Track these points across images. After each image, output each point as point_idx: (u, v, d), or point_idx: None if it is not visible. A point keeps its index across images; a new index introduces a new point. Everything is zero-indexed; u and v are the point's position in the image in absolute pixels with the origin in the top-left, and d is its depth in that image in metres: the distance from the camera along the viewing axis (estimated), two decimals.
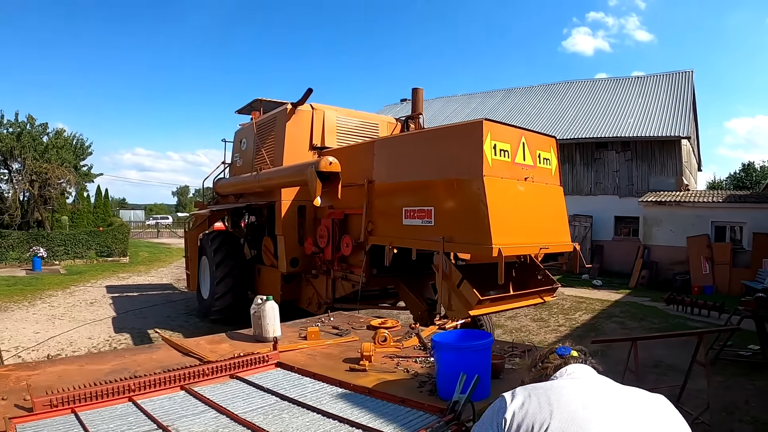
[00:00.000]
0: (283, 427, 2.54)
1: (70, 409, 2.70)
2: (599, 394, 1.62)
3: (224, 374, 3.44)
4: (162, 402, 2.95)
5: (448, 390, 2.94)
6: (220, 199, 12.48)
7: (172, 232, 46.85)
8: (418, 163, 7.26)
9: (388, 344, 4.30)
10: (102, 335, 10.39)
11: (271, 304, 4.59)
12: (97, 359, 4.01)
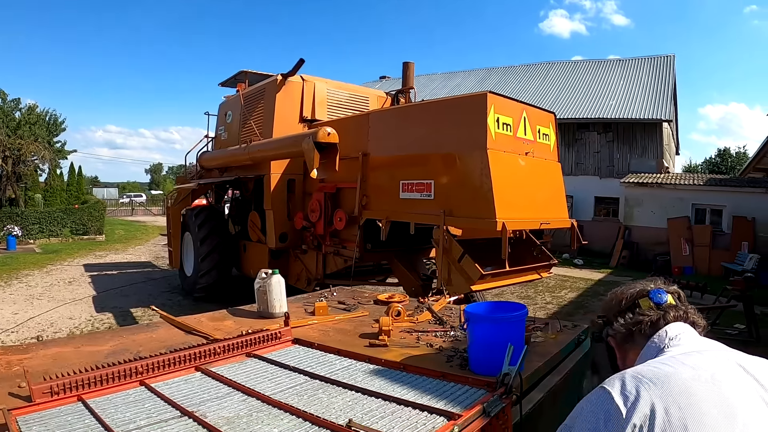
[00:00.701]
0: (324, 407, 2.33)
1: (75, 397, 2.46)
2: (739, 394, 1.25)
3: (240, 352, 3.21)
4: (178, 385, 2.71)
5: (481, 363, 2.78)
6: (204, 174, 12.12)
7: (146, 210, 46.15)
8: (418, 136, 7.06)
9: (402, 319, 4.11)
10: (83, 315, 10.07)
11: (278, 278, 4.35)
12: (93, 340, 3.73)
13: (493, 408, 2.19)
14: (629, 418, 1.21)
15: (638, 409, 1.21)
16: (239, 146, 9.67)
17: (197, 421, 2.19)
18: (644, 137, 22.76)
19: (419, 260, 8.97)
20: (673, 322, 1.55)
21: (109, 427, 2.10)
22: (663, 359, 1.40)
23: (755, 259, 16.13)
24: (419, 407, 2.27)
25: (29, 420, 2.19)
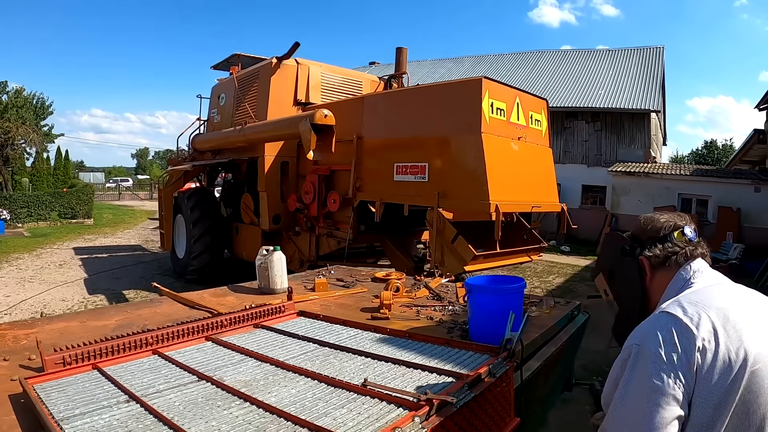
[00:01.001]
0: (336, 370, 2.42)
1: (90, 366, 2.49)
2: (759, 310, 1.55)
3: (247, 324, 3.27)
4: (191, 353, 2.76)
5: (481, 332, 2.90)
6: (197, 156, 12.13)
7: (133, 194, 45.89)
8: (412, 119, 7.16)
9: (401, 294, 4.22)
10: (76, 297, 10.09)
11: (279, 254, 4.43)
12: (98, 315, 3.79)
13: (498, 370, 2.29)
14: (698, 333, 1.42)
15: (702, 326, 1.43)
16: (234, 128, 9.70)
17: (216, 384, 2.26)
18: (632, 127, 22.99)
19: (411, 242, 9.10)
20: (698, 257, 1.76)
21: (129, 391, 2.16)
22: (700, 289, 1.63)
23: (739, 249, 16.34)
24: (428, 369, 2.38)
25: (47, 387, 2.22)
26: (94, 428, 1.84)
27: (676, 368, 1.40)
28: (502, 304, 2.81)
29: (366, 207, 8.11)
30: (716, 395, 1.38)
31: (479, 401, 2.11)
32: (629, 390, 1.46)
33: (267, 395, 2.11)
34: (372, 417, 1.89)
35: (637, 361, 1.47)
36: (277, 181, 9.45)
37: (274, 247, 4.50)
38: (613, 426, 1.49)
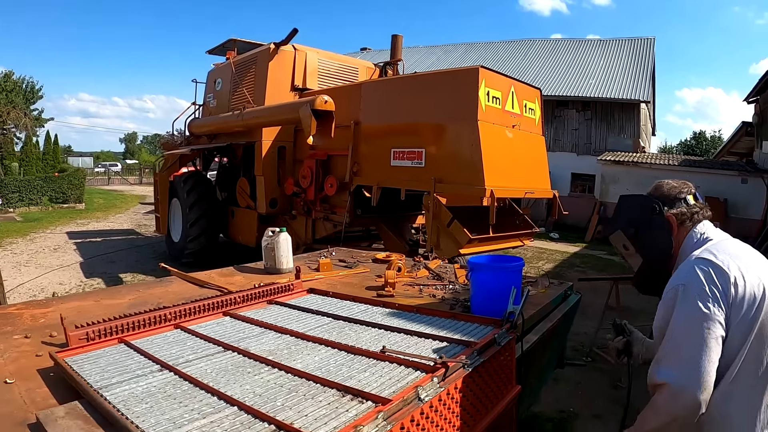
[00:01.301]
0: (353, 340, 2.59)
1: (117, 339, 2.59)
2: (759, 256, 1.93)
3: (261, 300, 3.41)
4: (212, 327, 2.89)
5: (483, 307, 3.07)
6: (192, 141, 12.21)
7: (123, 179, 45.66)
8: (410, 106, 7.32)
9: (403, 274, 4.39)
10: (73, 280, 10.16)
11: (285, 235, 4.58)
12: (111, 294, 3.88)
13: (502, 339, 2.48)
14: (730, 272, 1.77)
15: (732, 267, 1.78)
16: (232, 113, 9.81)
17: (242, 353, 2.41)
18: (622, 117, 23.24)
19: (405, 226, 9.29)
20: (706, 218, 2.12)
21: (160, 361, 2.29)
22: (719, 242, 1.98)
23: None
24: (439, 338, 2.56)
25: (78, 360, 2.32)
26: (134, 394, 1.96)
27: (718, 299, 1.74)
28: (503, 281, 2.99)
29: (362, 191, 8.28)
30: (744, 322, 1.74)
31: (486, 367, 2.30)
32: (683, 319, 1.78)
33: (293, 362, 2.27)
34: (393, 379, 2.07)
35: (686, 296, 1.78)
36: (275, 166, 9.59)
37: (280, 228, 4.65)
38: (671, 350, 1.79)
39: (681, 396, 1.71)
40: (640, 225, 2.13)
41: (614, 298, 7.12)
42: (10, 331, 2.82)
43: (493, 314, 2.87)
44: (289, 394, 1.95)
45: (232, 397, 1.90)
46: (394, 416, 1.72)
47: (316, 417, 1.75)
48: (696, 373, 1.70)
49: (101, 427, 1.73)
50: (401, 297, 3.67)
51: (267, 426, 1.69)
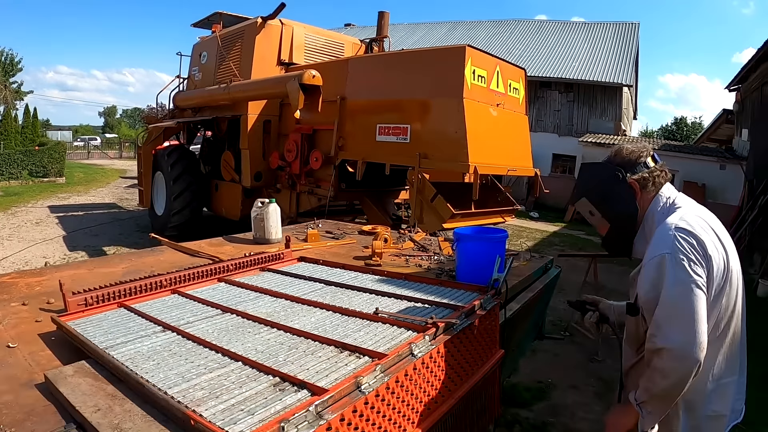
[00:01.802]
0: (346, 303, 2.70)
1: (116, 304, 2.65)
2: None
3: (254, 268, 3.51)
4: (209, 292, 2.97)
5: (467, 276, 3.19)
6: (177, 114, 12.15)
7: (102, 153, 45.09)
8: (396, 83, 7.41)
9: (389, 245, 4.51)
10: (57, 254, 10.12)
11: (274, 206, 4.68)
12: (104, 263, 3.93)
13: (487, 304, 2.62)
14: (706, 239, 1.96)
15: (707, 234, 1.99)
16: (218, 86, 9.78)
17: (241, 315, 2.52)
18: (604, 99, 23.45)
19: (389, 201, 9.41)
20: (667, 180, 2.25)
21: (162, 322, 2.38)
22: (687, 208, 2.13)
23: None
24: (428, 303, 2.69)
25: (80, 324, 2.38)
26: (140, 353, 2.05)
27: (701, 264, 1.91)
28: (488, 250, 3.12)
29: (346, 166, 8.39)
30: (717, 281, 1.95)
31: (473, 329, 2.44)
32: (675, 286, 1.90)
33: (290, 323, 2.39)
34: (387, 337, 2.21)
35: (675, 264, 1.91)
36: (260, 139, 9.63)
37: (269, 199, 4.74)
38: (669, 316, 1.90)
39: (686, 358, 1.84)
40: (605, 192, 2.23)
41: (592, 275, 7.32)
42: (7, 299, 2.86)
43: (477, 282, 3.00)
44: (290, 350, 2.07)
45: (236, 353, 2.01)
46: (390, 369, 1.85)
47: (318, 370, 1.87)
48: (695, 336, 1.84)
49: (111, 384, 1.82)
50: (388, 266, 3.77)
51: (272, 378, 1.81)
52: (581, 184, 2.36)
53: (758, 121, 14.57)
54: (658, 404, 1.98)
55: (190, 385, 1.76)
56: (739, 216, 14.21)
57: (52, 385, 1.79)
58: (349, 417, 1.61)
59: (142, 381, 1.75)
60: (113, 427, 1.53)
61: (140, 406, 1.66)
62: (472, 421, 2.56)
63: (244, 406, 1.61)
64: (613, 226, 2.26)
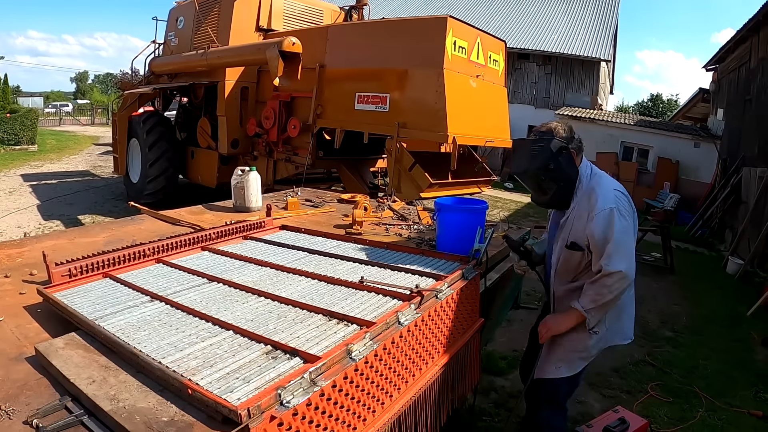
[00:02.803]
0: (331, 272, 2.74)
1: (102, 274, 2.65)
2: None
3: (236, 236, 3.53)
4: (193, 261, 2.99)
5: (448, 246, 3.25)
6: (152, 80, 11.91)
7: (75, 119, 43.96)
8: (377, 51, 7.37)
9: (369, 214, 4.54)
10: (31, 223, 9.92)
11: (255, 174, 4.67)
12: (85, 232, 3.89)
13: (469, 274, 2.69)
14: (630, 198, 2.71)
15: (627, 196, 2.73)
16: (196, 52, 9.62)
17: (227, 284, 2.55)
18: (582, 73, 23.49)
19: (366, 169, 9.43)
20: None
21: (149, 292, 2.39)
22: (606, 176, 2.84)
23: (675, 199, 17.13)
24: (411, 272, 2.76)
25: (67, 295, 2.38)
26: (130, 323, 2.07)
27: (632, 215, 2.66)
28: (469, 221, 3.18)
29: (323, 134, 8.38)
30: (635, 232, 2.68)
31: (455, 298, 2.50)
32: (622, 230, 2.55)
33: (277, 291, 2.43)
34: (373, 305, 2.26)
35: (621, 215, 2.57)
36: (237, 106, 9.54)
37: (249, 167, 4.73)
38: (617, 250, 2.52)
39: (627, 278, 2.53)
40: (555, 161, 2.64)
41: None
42: None
43: (458, 252, 3.06)
44: (279, 319, 2.11)
45: (227, 322, 2.05)
46: (379, 337, 1.91)
47: (308, 338, 1.92)
48: (632, 263, 2.56)
49: (103, 355, 1.84)
50: (369, 235, 3.82)
51: (264, 346, 1.86)
52: (533, 157, 2.70)
53: (734, 102, 14.78)
54: (602, 310, 2.64)
55: (183, 355, 1.79)
56: (711, 194, 14.49)
57: (43, 358, 1.80)
58: (340, 383, 1.67)
59: (135, 351, 1.77)
60: (110, 398, 1.56)
61: (134, 377, 1.69)
62: (454, 387, 2.64)
63: (239, 374, 1.66)
64: (560, 186, 2.71)
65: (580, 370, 2.85)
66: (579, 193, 2.70)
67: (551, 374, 2.85)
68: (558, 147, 2.63)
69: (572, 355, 2.80)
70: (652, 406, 4.56)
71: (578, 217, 2.66)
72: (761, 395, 4.95)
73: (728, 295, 8.34)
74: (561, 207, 2.83)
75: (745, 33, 12.84)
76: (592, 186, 2.67)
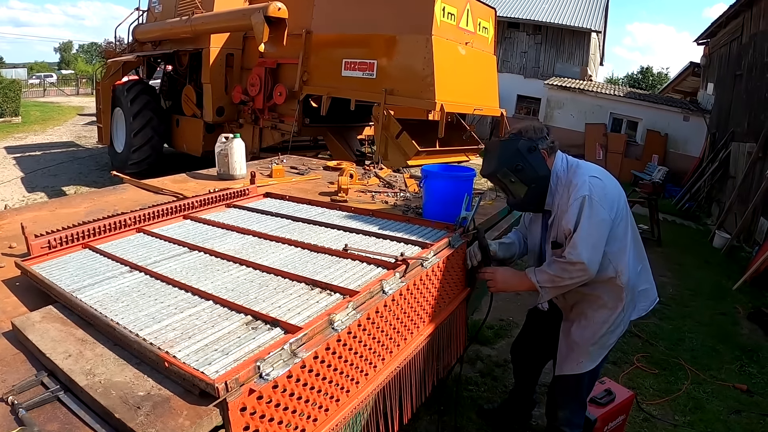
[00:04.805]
0: (315, 240, 2.69)
1: (81, 245, 2.58)
2: None
3: (219, 204, 3.46)
4: (174, 229, 2.92)
5: (435, 214, 3.20)
6: (136, 48, 11.67)
7: (59, 90, 43.26)
8: (364, 17, 7.27)
9: (355, 181, 4.48)
10: (15, 195, 9.76)
11: (239, 141, 4.59)
12: (66, 203, 3.80)
13: (455, 242, 2.65)
14: (608, 187, 2.56)
15: (608, 185, 2.58)
16: (180, 18, 9.41)
17: (208, 252, 2.49)
18: (572, 43, 23.38)
19: (353, 137, 9.36)
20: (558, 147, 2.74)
21: (128, 262, 2.33)
22: (585, 166, 2.64)
23: (663, 171, 17.20)
24: (396, 239, 2.71)
25: (45, 267, 2.32)
26: (108, 294, 2.02)
27: (610, 206, 2.52)
28: (456, 188, 3.12)
29: (310, 101, 8.28)
30: (621, 217, 2.58)
31: (441, 267, 2.46)
32: (589, 220, 2.44)
33: (259, 260, 2.38)
34: (357, 274, 2.22)
35: (591, 203, 2.45)
36: (222, 73, 9.39)
37: (234, 134, 4.64)
38: (583, 240, 2.44)
39: (588, 270, 2.46)
40: (524, 162, 2.59)
41: None
42: None
43: (445, 219, 3.02)
44: (261, 288, 2.06)
45: (207, 292, 2.00)
46: (362, 306, 1.87)
47: (290, 308, 1.88)
48: (597, 257, 2.47)
49: (80, 328, 1.79)
50: (354, 203, 3.78)
51: (244, 317, 1.81)
52: (501, 158, 2.65)
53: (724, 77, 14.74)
54: (554, 291, 2.64)
55: (161, 326, 1.75)
56: (699, 167, 14.53)
57: (19, 332, 1.75)
58: (322, 354, 1.63)
59: (112, 324, 1.72)
60: (86, 372, 1.51)
61: (111, 350, 1.65)
62: (439, 357, 2.62)
63: (218, 345, 1.62)
64: (531, 187, 2.64)
65: (601, 359, 2.81)
66: (560, 189, 2.61)
67: (574, 370, 2.80)
68: (527, 147, 2.59)
69: (592, 348, 2.74)
70: (637, 378, 4.59)
71: (562, 212, 2.58)
72: (746, 369, 5.00)
73: (714, 269, 8.41)
74: (534, 209, 2.80)
75: (738, 8, 12.77)
76: (569, 178, 2.59)
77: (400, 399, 2.18)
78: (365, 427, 1.97)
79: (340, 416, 1.76)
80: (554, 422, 2.97)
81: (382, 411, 2.05)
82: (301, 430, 1.58)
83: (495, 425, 3.68)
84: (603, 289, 2.64)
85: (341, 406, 1.78)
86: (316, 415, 1.65)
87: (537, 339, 3.26)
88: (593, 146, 19.97)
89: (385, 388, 2.05)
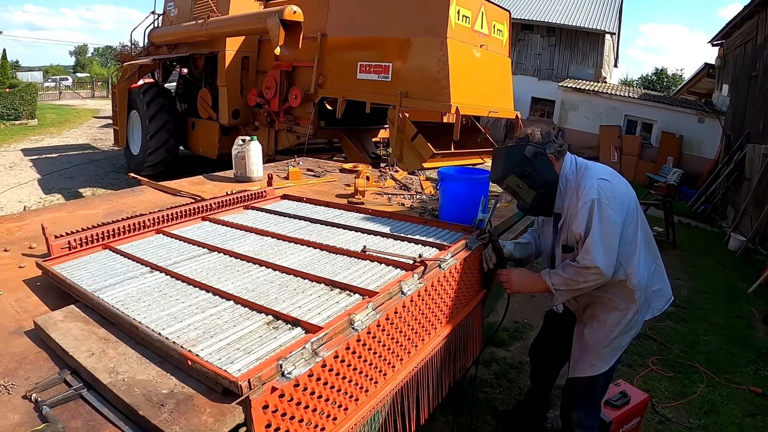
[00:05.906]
0: (333, 241, 2.71)
1: (101, 246, 2.60)
2: None
3: (237, 206, 3.49)
4: (193, 231, 2.95)
5: (451, 216, 3.22)
6: (152, 51, 11.78)
7: (74, 93, 43.71)
8: (379, 20, 7.26)
9: (371, 184, 4.51)
10: (32, 197, 9.88)
11: (256, 144, 4.63)
12: (84, 204, 3.86)
13: (472, 244, 2.65)
14: (614, 185, 2.55)
15: (621, 183, 2.63)
16: (195, 22, 9.48)
17: (228, 253, 2.52)
18: (586, 45, 23.26)
19: (368, 139, 9.35)
20: (567, 150, 2.74)
21: (149, 263, 2.36)
22: (593, 166, 2.65)
23: (678, 173, 16.99)
24: (414, 241, 2.72)
25: (66, 267, 2.34)
26: (130, 295, 2.04)
27: (620, 208, 2.52)
28: (473, 191, 3.13)
29: (325, 104, 8.27)
30: (632, 219, 2.59)
31: (459, 268, 2.47)
32: (601, 223, 2.45)
33: (279, 261, 2.40)
34: (376, 275, 2.23)
35: (600, 206, 2.46)
36: (238, 76, 9.44)
37: (251, 137, 4.68)
38: (597, 243, 2.44)
39: (601, 274, 2.47)
40: (532, 167, 2.61)
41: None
42: None
43: (461, 222, 3.03)
44: (281, 289, 2.08)
45: (227, 292, 2.02)
46: (381, 307, 1.88)
47: (310, 308, 1.89)
48: (612, 260, 2.48)
49: (102, 327, 1.81)
50: (371, 205, 3.79)
51: (265, 317, 1.83)
52: (508, 164, 2.66)
53: (739, 78, 14.61)
54: (569, 294, 2.66)
55: (183, 326, 1.77)
56: (715, 169, 14.40)
57: (42, 331, 1.77)
58: (342, 354, 1.64)
59: (134, 323, 1.74)
60: (109, 370, 1.53)
61: (134, 349, 1.67)
62: (456, 358, 2.63)
63: (240, 345, 1.63)
64: (539, 193, 2.65)
65: (614, 361, 2.81)
66: (569, 192, 2.62)
67: (587, 372, 2.82)
68: (533, 152, 2.61)
69: (605, 350, 2.75)
70: (652, 380, 4.57)
71: (572, 215, 2.59)
72: (761, 372, 4.96)
73: (729, 272, 8.34)
74: (545, 213, 2.81)
75: (752, 8, 12.64)
76: (578, 181, 2.60)
77: (418, 399, 2.19)
78: (383, 426, 1.98)
79: (359, 415, 1.77)
80: (568, 424, 2.96)
81: (399, 411, 2.06)
82: (322, 428, 1.59)
83: (510, 427, 3.68)
84: (614, 291, 2.65)
85: (360, 405, 1.79)
86: (336, 413, 1.66)
87: (554, 341, 3.28)
88: (608, 148, 19.83)
89: (403, 388, 2.06)
